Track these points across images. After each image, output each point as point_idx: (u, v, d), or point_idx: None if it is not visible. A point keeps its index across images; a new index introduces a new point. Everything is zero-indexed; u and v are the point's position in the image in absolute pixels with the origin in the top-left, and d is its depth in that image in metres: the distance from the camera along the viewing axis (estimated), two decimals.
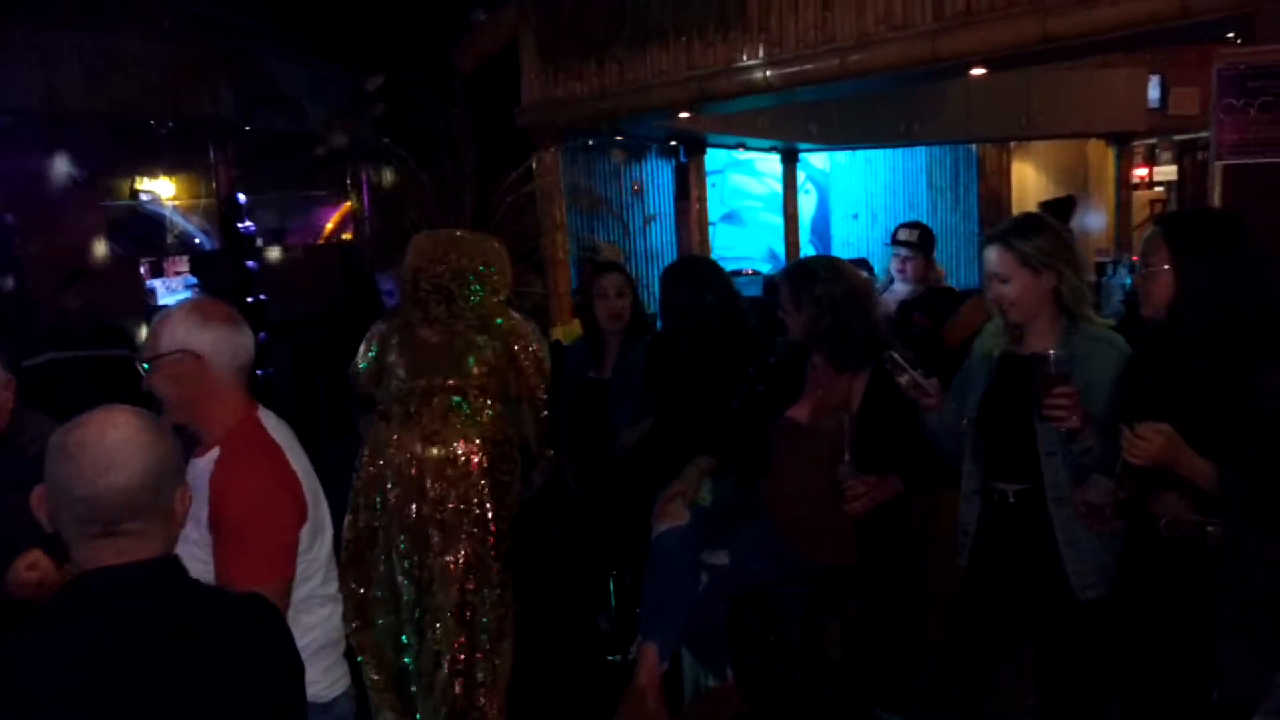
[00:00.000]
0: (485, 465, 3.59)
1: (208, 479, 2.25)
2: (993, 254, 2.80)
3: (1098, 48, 4.54)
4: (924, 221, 9.38)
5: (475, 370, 3.63)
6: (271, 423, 2.45)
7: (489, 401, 3.66)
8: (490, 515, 3.60)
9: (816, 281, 3.42)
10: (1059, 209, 8.29)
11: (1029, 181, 11.33)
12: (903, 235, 5.08)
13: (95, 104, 7.36)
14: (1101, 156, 10.79)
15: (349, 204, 10.53)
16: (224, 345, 2.37)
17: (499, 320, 3.72)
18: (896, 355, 2.99)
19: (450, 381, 3.62)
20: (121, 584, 1.64)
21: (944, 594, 3.47)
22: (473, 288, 3.71)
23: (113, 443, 1.68)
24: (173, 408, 2.34)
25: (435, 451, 3.55)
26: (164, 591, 1.68)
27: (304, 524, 2.35)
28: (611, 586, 4.48)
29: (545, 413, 3.85)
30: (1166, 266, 2.45)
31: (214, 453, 2.32)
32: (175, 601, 1.68)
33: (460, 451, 3.56)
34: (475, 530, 3.56)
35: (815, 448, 3.41)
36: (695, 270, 4.39)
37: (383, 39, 8.59)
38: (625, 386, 4.36)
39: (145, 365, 2.37)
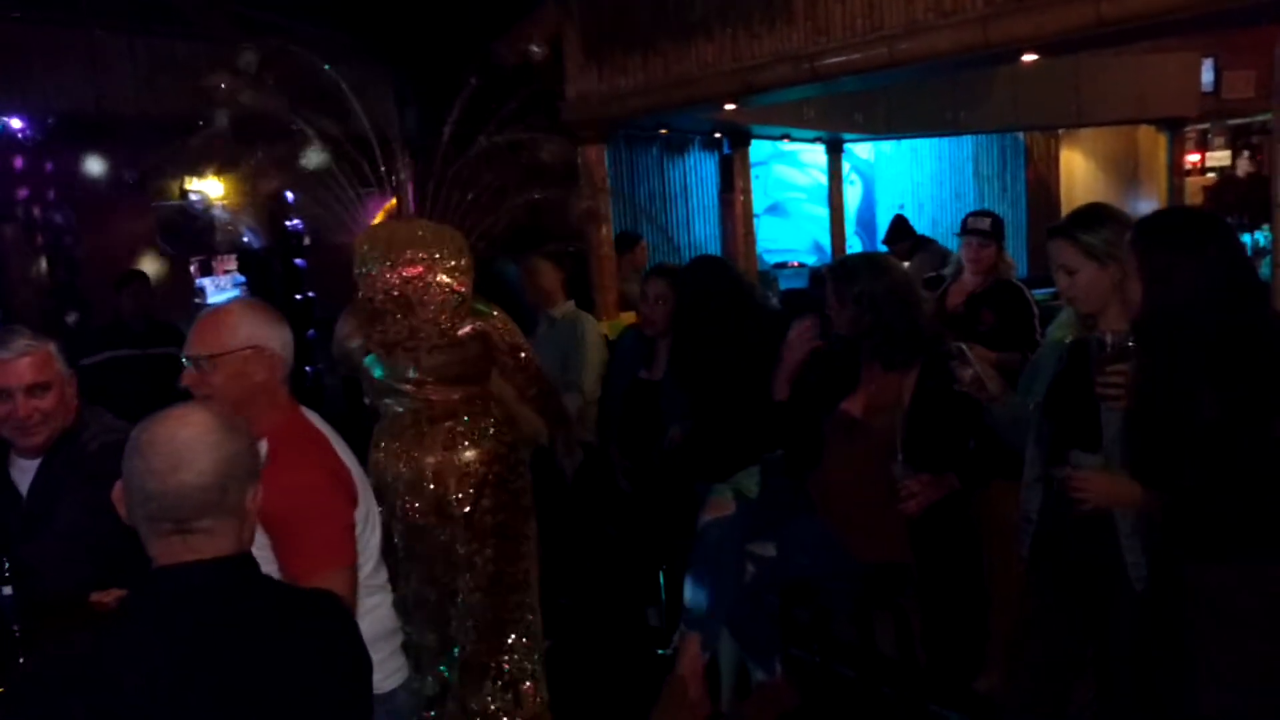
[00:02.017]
0: (493, 478, 3.42)
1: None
2: (1057, 247, 2.75)
3: (1153, 31, 4.44)
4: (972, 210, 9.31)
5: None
6: (314, 418, 2.52)
7: (490, 416, 3.49)
8: (505, 523, 3.46)
9: (858, 279, 3.39)
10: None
11: (1078, 169, 11.17)
12: (973, 223, 4.96)
13: (145, 107, 7.46)
14: (1152, 143, 10.60)
15: (393, 200, 10.60)
16: (288, 341, 2.47)
17: (468, 327, 3.40)
18: (964, 347, 2.95)
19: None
20: (192, 582, 1.66)
21: (1005, 587, 3.43)
22: (439, 291, 3.32)
23: (183, 441, 1.69)
24: (227, 405, 2.30)
25: (436, 460, 3.37)
26: (234, 590, 1.70)
27: (356, 507, 2.41)
28: (661, 580, 4.48)
29: (551, 401, 3.77)
30: (1134, 270, 2.35)
31: (262, 447, 2.34)
32: (246, 600, 1.70)
33: (469, 460, 3.40)
34: (494, 540, 3.45)
35: (868, 443, 3.38)
36: (699, 271, 4.37)
37: (428, 36, 8.63)
38: (673, 387, 4.36)
39: (198, 361, 2.39)
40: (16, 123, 7.51)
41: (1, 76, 6.73)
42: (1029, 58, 4.95)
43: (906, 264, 5.99)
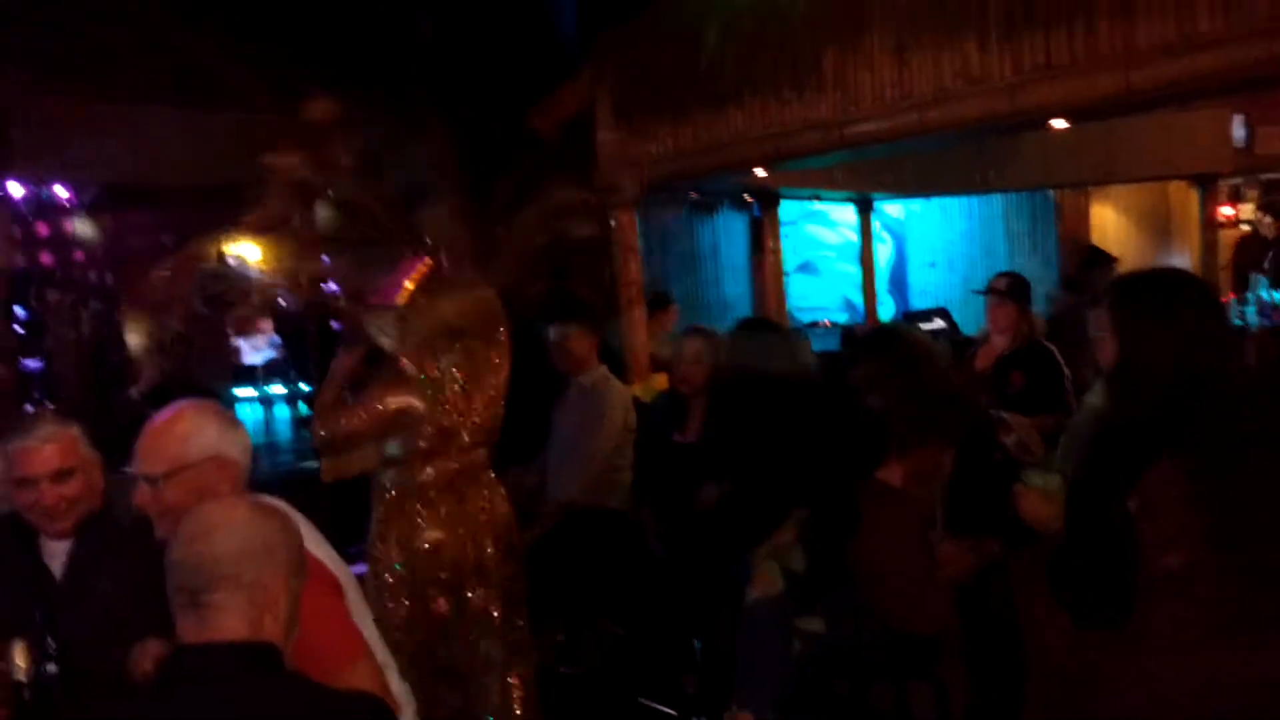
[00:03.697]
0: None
1: None
2: (1095, 315, 2.74)
3: (1184, 98, 4.46)
4: (1003, 268, 9.27)
5: None
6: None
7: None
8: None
9: (873, 357, 3.39)
10: (1094, 259, 8.09)
11: (1109, 224, 11.13)
12: (992, 282, 5.02)
13: (186, 176, 7.62)
14: (1185, 197, 10.57)
15: (428, 260, 10.72)
16: (248, 445, 2.38)
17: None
18: (1005, 415, 2.95)
19: None
20: (209, 663, 1.68)
21: (1043, 657, 3.38)
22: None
23: (214, 516, 1.76)
24: (172, 516, 2.15)
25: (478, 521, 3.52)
26: (246, 676, 1.70)
27: (344, 597, 2.34)
28: (698, 647, 4.45)
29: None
30: (1107, 333, 2.33)
31: None
32: (265, 690, 1.71)
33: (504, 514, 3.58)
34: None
35: (906, 512, 3.36)
36: (751, 333, 4.40)
37: (462, 103, 8.79)
38: (708, 450, 4.35)
39: (153, 480, 2.26)
40: (62, 191, 7.70)
41: (48, 147, 6.91)
42: (1058, 124, 4.97)
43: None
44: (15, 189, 6.91)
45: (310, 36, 8.63)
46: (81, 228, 8.48)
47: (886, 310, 10.82)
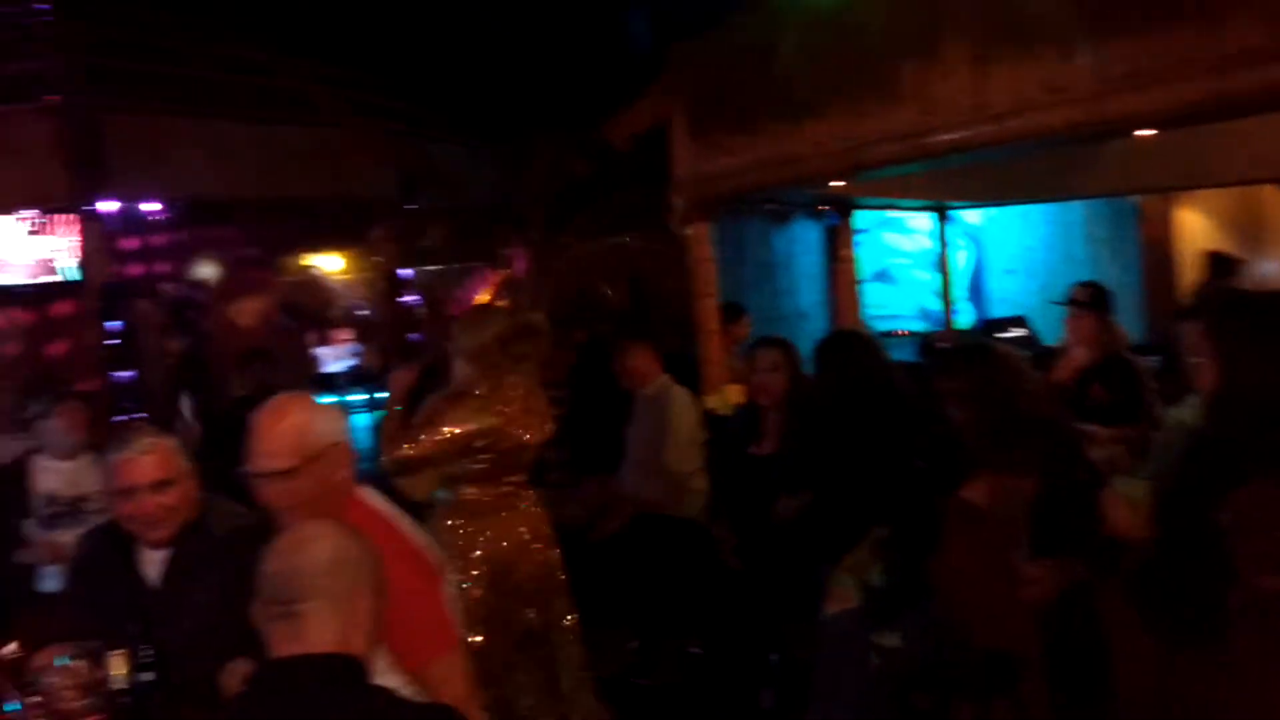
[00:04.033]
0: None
1: None
2: (1188, 330, 2.69)
3: (1277, 105, 4.33)
4: (1084, 275, 9.06)
5: None
6: (377, 500, 2.55)
7: None
8: None
9: (960, 376, 3.35)
10: (1221, 267, 7.89)
11: (1195, 230, 10.83)
12: (1070, 292, 4.93)
13: (269, 190, 7.83)
14: (1276, 201, 10.24)
15: (503, 272, 10.87)
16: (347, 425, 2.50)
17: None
18: (1089, 429, 2.91)
19: None
20: (289, 673, 1.74)
21: (1132, 679, 3.31)
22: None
23: (307, 532, 1.85)
24: (305, 507, 2.31)
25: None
26: (334, 688, 1.75)
27: (440, 581, 2.45)
28: (774, 661, 4.43)
29: None
30: (1205, 357, 2.29)
31: None
32: (341, 699, 1.75)
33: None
34: None
35: (990, 531, 3.32)
36: (848, 345, 4.38)
37: (535, 116, 8.90)
38: (786, 463, 4.34)
39: (284, 473, 2.35)
40: (151, 205, 7.95)
41: (139, 165, 7.14)
42: (1144, 133, 4.87)
43: None
44: (106, 204, 7.14)
45: (387, 56, 8.82)
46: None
47: (964, 319, 10.67)
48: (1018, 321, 9.00)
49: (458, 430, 3.56)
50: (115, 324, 6.82)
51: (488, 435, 3.62)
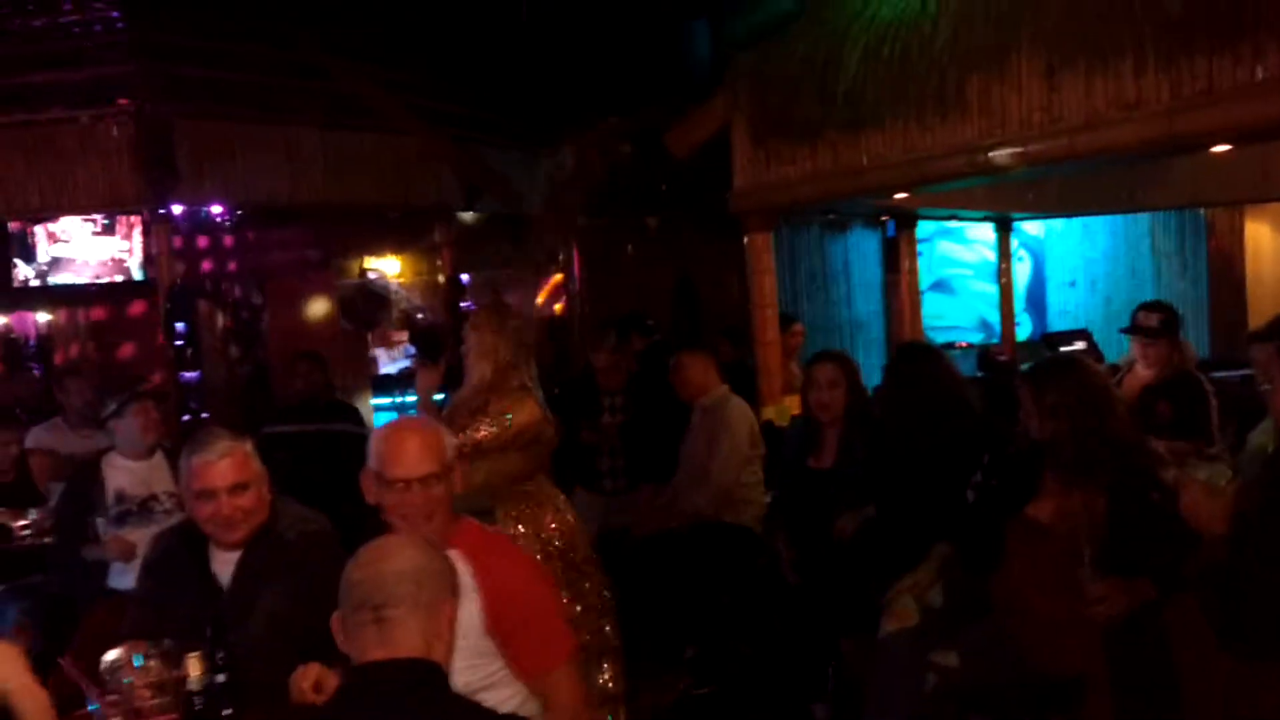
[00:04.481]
0: None
1: (468, 581, 2.38)
2: (1260, 354, 2.64)
3: None
4: (1148, 289, 8.91)
5: None
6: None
7: None
8: None
9: (1052, 387, 3.31)
10: None
11: (1266, 243, 10.59)
12: (1142, 319, 4.83)
13: (333, 195, 7.93)
14: None
15: (558, 277, 10.93)
16: None
17: None
18: (1163, 449, 2.87)
19: None
20: (383, 677, 1.79)
21: (1199, 704, 3.25)
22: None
23: (389, 542, 1.92)
24: (440, 514, 2.51)
25: None
26: (419, 689, 1.80)
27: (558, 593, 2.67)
28: (830, 674, 4.41)
29: None
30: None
31: (451, 555, 2.45)
32: (427, 703, 1.80)
33: None
34: None
35: (1055, 549, 3.28)
36: (916, 360, 4.35)
37: (595, 124, 8.95)
38: (847, 477, 4.32)
39: (436, 478, 2.49)
40: (216, 208, 8.09)
41: (209, 168, 7.27)
42: (1220, 149, 4.79)
43: None
44: (176, 207, 7.29)
45: (449, 63, 8.91)
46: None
47: (1024, 331, 10.55)
48: (1080, 335, 8.87)
49: (518, 421, 3.63)
50: (182, 325, 6.95)
51: (535, 427, 3.70)
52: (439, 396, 4.42)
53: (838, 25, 5.72)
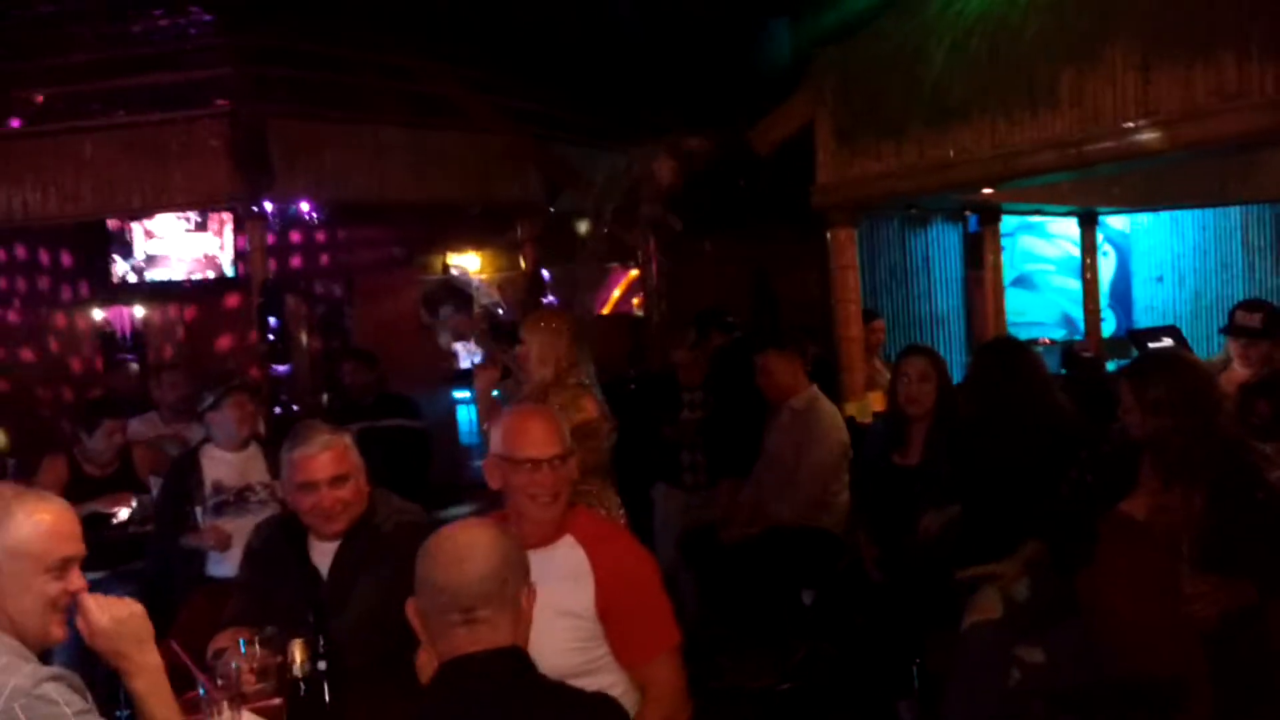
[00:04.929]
0: None
1: (584, 565, 2.50)
2: None
3: None
4: (1239, 284, 8.64)
5: None
6: None
7: None
8: None
9: (1155, 383, 3.24)
10: None
11: None
12: (1241, 319, 4.68)
13: (418, 192, 8.06)
14: None
15: (635, 272, 10.96)
16: None
17: None
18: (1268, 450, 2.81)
19: None
20: (476, 669, 1.84)
21: None
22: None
23: (464, 540, 1.92)
24: (565, 495, 2.59)
25: None
26: (511, 677, 1.86)
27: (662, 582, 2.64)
28: (915, 672, 4.38)
29: None
30: None
31: (567, 540, 2.55)
32: (519, 689, 1.86)
33: None
34: None
35: (1151, 548, 3.23)
36: (1005, 356, 4.29)
37: (675, 120, 8.96)
38: (933, 474, 4.29)
39: (563, 459, 2.56)
40: (304, 205, 8.28)
41: (299, 167, 7.44)
42: None
43: None
44: (268, 204, 7.47)
45: (532, 62, 9.00)
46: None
47: (1108, 327, 10.32)
48: (1169, 331, 8.65)
49: (577, 418, 3.68)
50: (274, 320, 7.12)
51: (592, 423, 3.78)
52: (495, 393, 4.51)
53: (924, 19, 5.67)
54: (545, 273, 9.31)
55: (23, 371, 8.88)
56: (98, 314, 9.56)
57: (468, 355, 11.23)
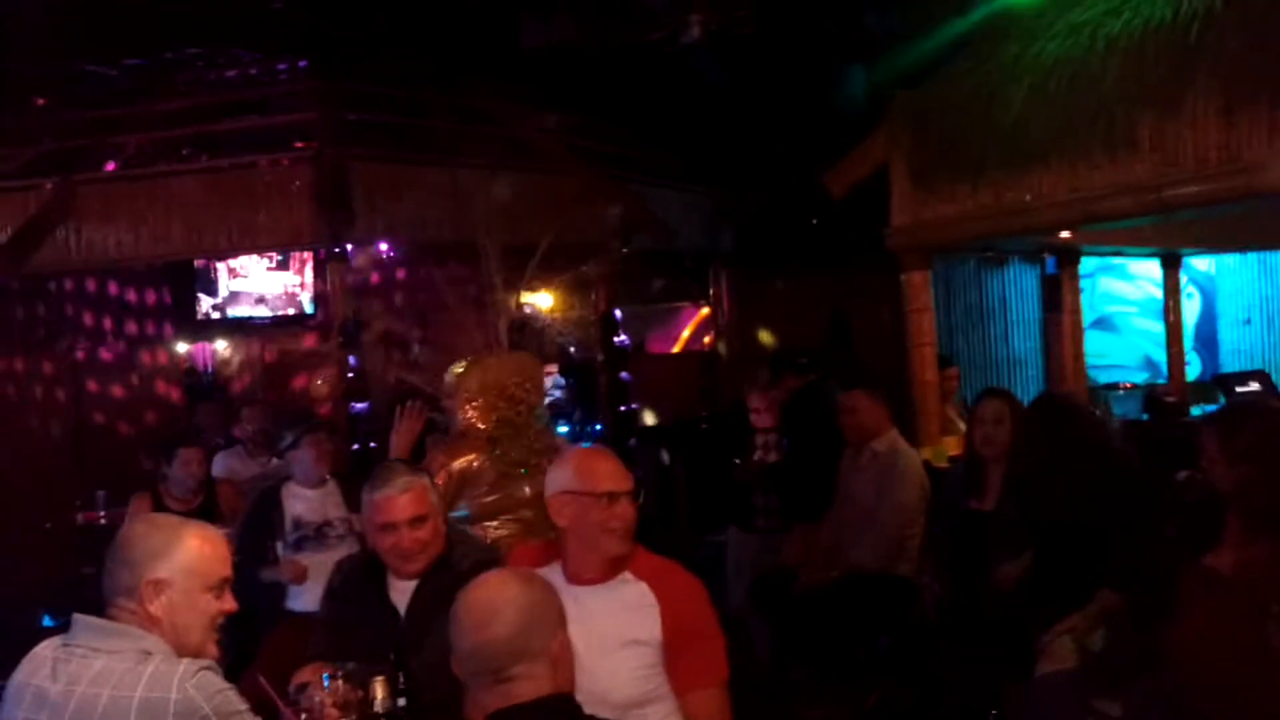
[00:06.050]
0: None
1: (647, 595, 2.56)
2: None
3: None
4: None
5: None
6: None
7: None
8: None
9: (1244, 433, 3.18)
10: None
11: None
12: None
13: (494, 233, 8.16)
14: None
15: (706, 311, 11.01)
16: None
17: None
18: None
19: None
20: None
21: None
22: (537, 412, 4.06)
23: (486, 602, 1.93)
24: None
25: None
26: None
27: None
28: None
29: None
30: None
31: (625, 575, 2.59)
32: None
33: None
34: None
35: (1236, 601, 3.15)
36: (1051, 414, 4.25)
37: (749, 161, 9.03)
38: (1007, 519, 4.24)
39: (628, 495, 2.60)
40: (383, 245, 8.45)
41: (379, 208, 7.62)
42: None
43: None
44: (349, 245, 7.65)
45: (609, 104, 9.14)
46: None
47: (1193, 371, 10.10)
48: (1257, 376, 8.44)
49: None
50: (353, 359, 7.27)
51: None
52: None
53: (1002, 62, 5.66)
54: (617, 312, 9.38)
55: (112, 406, 9.16)
56: (181, 348, 9.82)
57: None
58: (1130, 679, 3.36)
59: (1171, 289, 9.50)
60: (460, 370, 4.30)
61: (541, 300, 10.80)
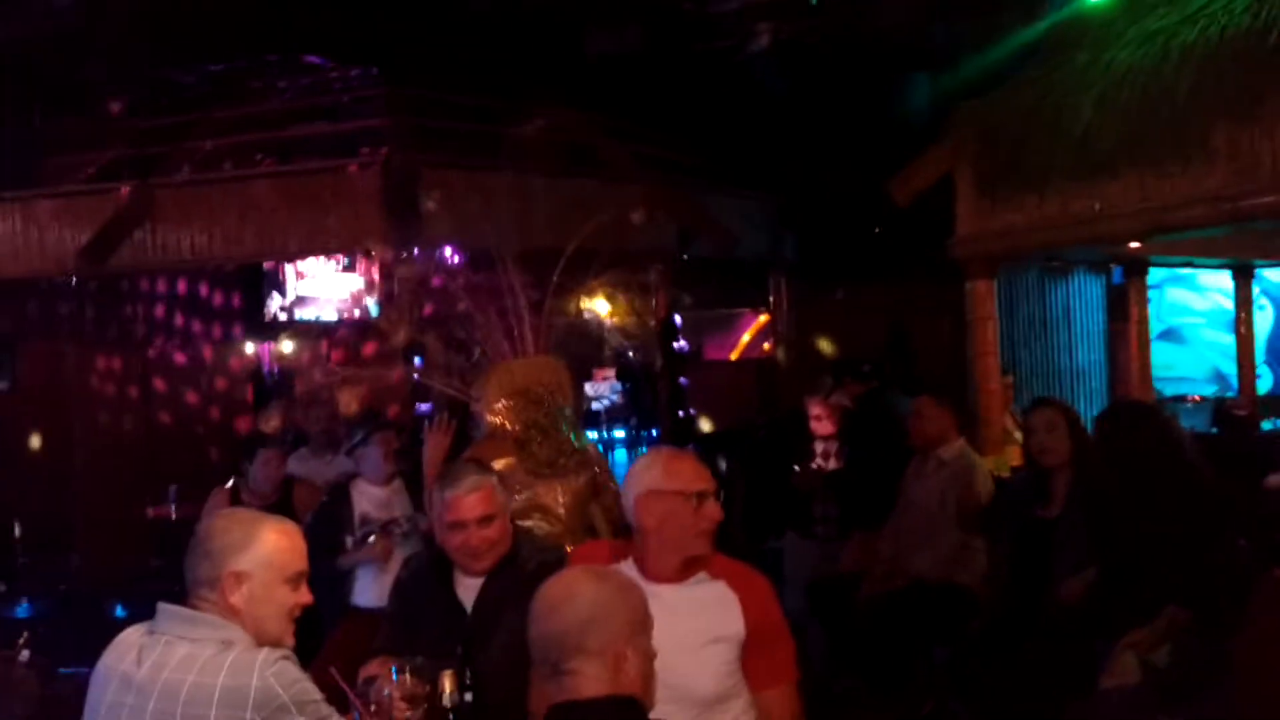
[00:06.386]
0: None
1: (728, 593, 2.63)
2: None
3: None
4: None
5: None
6: None
7: None
8: None
9: None
10: None
11: None
12: None
13: (557, 239, 8.23)
14: None
15: (765, 317, 10.99)
16: None
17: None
18: None
19: None
20: (575, 718, 1.86)
21: None
22: (564, 413, 4.12)
23: (558, 591, 1.96)
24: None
25: None
26: None
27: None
28: None
29: None
30: None
31: (702, 575, 2.64)
32: None
33: None
34: None
35: None
36: (1132, 422, 4.20)
37: (810, 168, 9.02)
38: (1072, 527, 4.20)
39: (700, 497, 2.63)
40: (447, 250, 8.55)
41: (447, 214, 7.71)
42: None
43: None
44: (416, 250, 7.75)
45: (673, 111, 9.18)
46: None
47: (1264, 384, 9.89)
48: None
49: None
50: (418, 360, 7.35)
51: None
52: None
53: (1071, 70, 5.61)
54: (677, 318, 9.41)
55: (182, 404, 9.37)
56: (250, 349, 10.01)
57: (594, 393, 11.40)
58: (1195, 694, 3.33)
59: (1243, 300, 9.32)
60: (488, 374, 4.39)
61: (600, 305, 10.86)
